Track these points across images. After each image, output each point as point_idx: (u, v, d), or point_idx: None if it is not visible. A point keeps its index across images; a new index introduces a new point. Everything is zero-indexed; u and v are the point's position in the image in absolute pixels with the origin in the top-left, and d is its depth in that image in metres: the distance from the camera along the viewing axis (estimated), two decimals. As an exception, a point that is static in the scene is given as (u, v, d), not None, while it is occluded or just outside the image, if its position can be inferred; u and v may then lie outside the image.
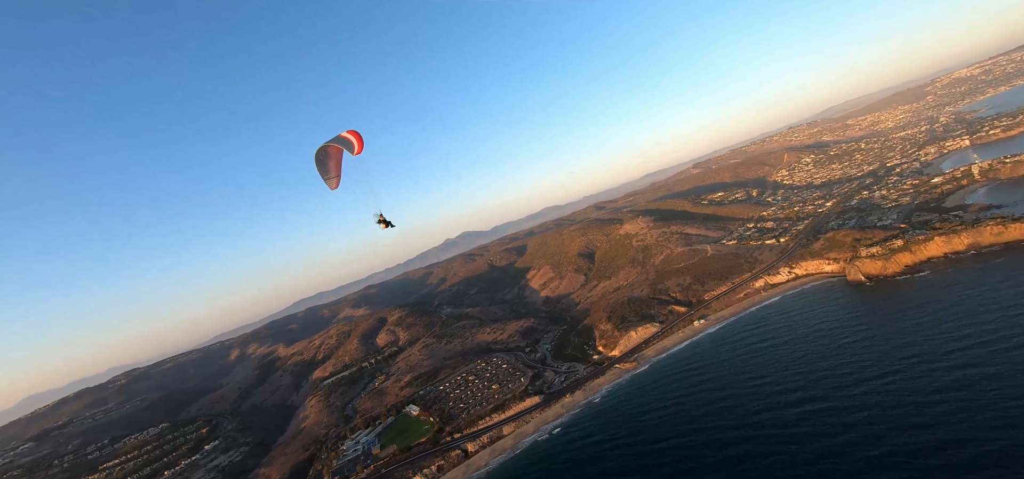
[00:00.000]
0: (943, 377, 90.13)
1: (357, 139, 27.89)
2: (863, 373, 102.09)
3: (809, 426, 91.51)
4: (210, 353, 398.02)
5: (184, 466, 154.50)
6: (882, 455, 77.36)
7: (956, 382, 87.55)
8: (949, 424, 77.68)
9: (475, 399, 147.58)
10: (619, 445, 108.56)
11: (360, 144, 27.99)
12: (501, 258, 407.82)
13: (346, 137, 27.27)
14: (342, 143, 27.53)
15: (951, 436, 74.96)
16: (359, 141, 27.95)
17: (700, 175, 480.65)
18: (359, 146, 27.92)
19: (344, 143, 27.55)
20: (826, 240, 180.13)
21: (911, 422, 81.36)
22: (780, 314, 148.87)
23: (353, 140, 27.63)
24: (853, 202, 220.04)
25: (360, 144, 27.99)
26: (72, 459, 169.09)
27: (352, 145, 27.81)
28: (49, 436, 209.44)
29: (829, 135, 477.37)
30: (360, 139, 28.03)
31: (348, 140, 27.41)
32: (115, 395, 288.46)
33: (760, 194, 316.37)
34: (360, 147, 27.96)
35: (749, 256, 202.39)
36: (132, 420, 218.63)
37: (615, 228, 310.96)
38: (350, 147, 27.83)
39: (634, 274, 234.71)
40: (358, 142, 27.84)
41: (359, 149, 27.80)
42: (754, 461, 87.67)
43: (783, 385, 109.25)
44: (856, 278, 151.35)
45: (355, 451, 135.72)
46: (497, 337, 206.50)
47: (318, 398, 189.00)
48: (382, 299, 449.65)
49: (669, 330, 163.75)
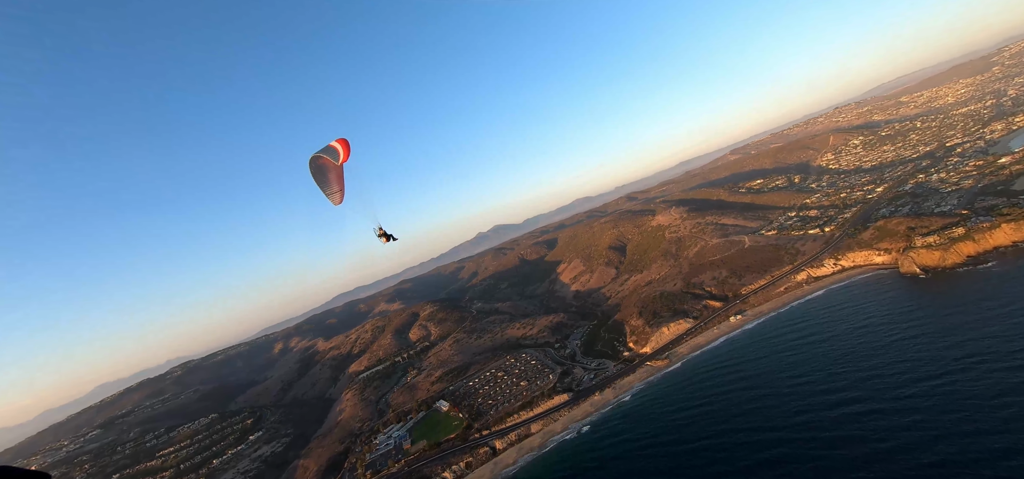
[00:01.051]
0: (1009, 379, 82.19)
1: (343, 146, 27.03)
2: (916, 373, 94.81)
3: (853, 429, 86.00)
4: (256, 346, 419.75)
5: (231, 455, 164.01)
6: (934, 462, 71.68)
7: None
8: (1014, 431, 70.73)
9: (504, 396, 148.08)
10: (649, 445, 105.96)
11: (346, 151, 27.09)
12: (531, 252, 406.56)
13: (331, 146, 26.71)
14: (327, 152, 27.01)
15: (1016, 444, 68.25)
16: (345, 148, 27.09)
17: (738, 161, 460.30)
18: (345, 154, 26.98)
19: (329, 152, 27.01)
20: (876, 229, 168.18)
21: (969, 428, 74.82)
22: (823, 309, 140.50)
23: (338, 148, 26.80)
24: (907, 187, 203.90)
25: (346, 151, 27.09)
26: (133, 446, 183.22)
27: (337, 153, 26.84)
28: (114, 424, 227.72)
29: (880, 114, 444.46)
30: (346, 146, 27.32)
31: (333, 148, 26.74)
32: (172, 386, 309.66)
33: (803, 180, 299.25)
34: (346, 155, 27.21)
35: (790, 247, 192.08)
36: (186, 410, 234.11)
37: (647, 220, 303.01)
38: (334, 155, 26.91)
39: (666, 267, 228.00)
40: (343, 149, 26.95)
41: (345, 157, 26.96)
42: (791, 465, 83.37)
43: (825, 385, 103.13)
44: (910, 270, 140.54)
45: (387, 445, 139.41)
46: (527, 332, 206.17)
47: (353, 392, 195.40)
48: (415, 294, 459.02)
49: (703, 326, 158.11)
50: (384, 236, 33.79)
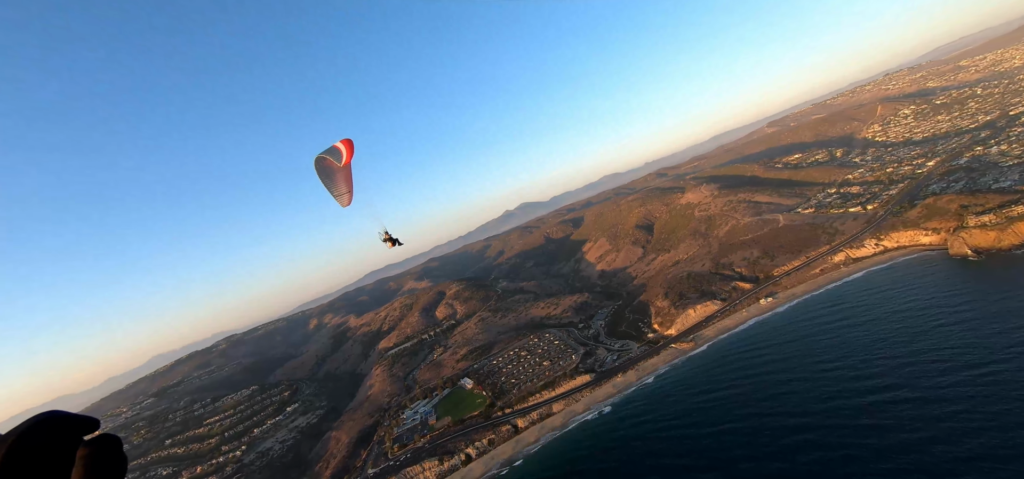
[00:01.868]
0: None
1: (346, 147, 26.52)
2: (958, 361, 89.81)
3: (885, 417, 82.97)
4: (293, 322, 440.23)
5: (269, 425, 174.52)
6: (972, 455, 68.27)
7: (1084, 378, 74.04)
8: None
9: (526, 375, 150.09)
10: (670, 427, 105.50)
11: (349, 152, 26.55)
12: (557, 230, 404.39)
13: (335, 147, 26.42)
14: (330, 154, 26.88)
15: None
16: (348, 148, 26.52)
17: (775, 135, 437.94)
18: (348, 154, 26.48)
19: (332, 153, 26.87)
20: (925, 207, 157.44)
21: (1013, 420, 70.26)
22: (861, 292, 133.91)
23: (341, 148, 26.39)
24: (962, 160, 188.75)
25: (349, 152, 26.55)
26: (183, 414, 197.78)
27: (340, 154, 26.43)
28: (166, 393, 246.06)
29: (935, 81, 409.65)
30: (349, 146, 26.65)
31: (336, 149, 26.39)
32: (217, 358, 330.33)
33: (846, 154, 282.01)
34: (349, 155, 26.59)
35: (828, 226, 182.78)
36: (230, 381, 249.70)
37: (676, 197, 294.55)
38: (337, 156, 26.56)
39: (695, 247, 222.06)
40: (347, 150, 26.41)
41: (348, 157, 26.49)
42: (816, 452, 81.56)
43: (858, 371, 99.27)
44: (960, 252, 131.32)
45: (414, 420, 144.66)
46: (551, 312, 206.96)
47: (383, 368, 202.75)
48: (443, 272, 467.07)
49: (731, 308, 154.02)
50: (389, 240, 33.89)
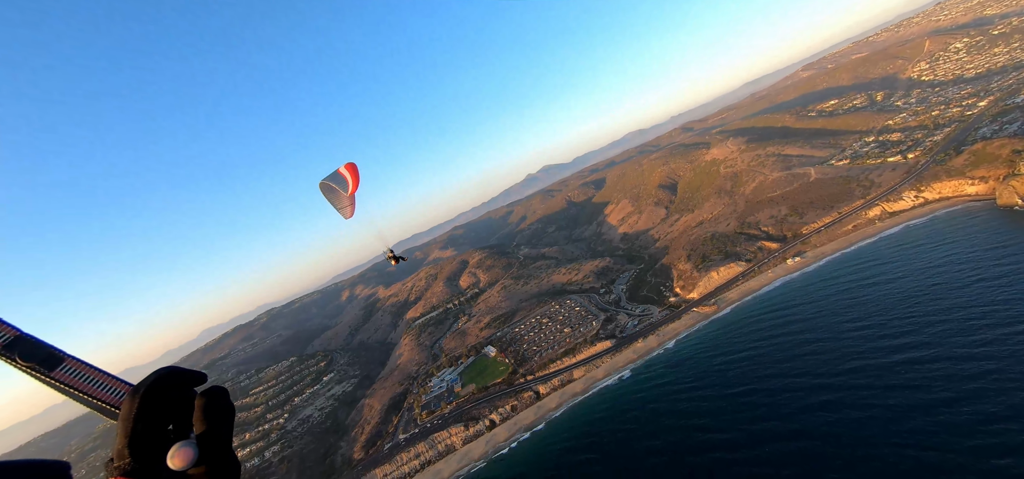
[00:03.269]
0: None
1: (352, 175, 25.42)
2: (995, 318, 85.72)
3: (912, 377, 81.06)
4: (327, 293, 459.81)
5: (308, 394, 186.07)
6: (999, 417, 66.51)
7: None
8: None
9: (548, 342, 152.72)
10: (689, 391, 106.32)
11: (355, 180, 25.43)
12: (579, 194, 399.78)
13: (341, 175, 25.57)
14: (337, 181, 26.20)
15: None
16: (354, 177, 25.43)
17: (810, 79, 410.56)
18: (354, 183, 25.40)
19: (337, 180, 25.63)
20: (972, 153, 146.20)
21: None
22: (896, 248, 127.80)
23: (347, 178, 25.34)
24: (1019, 99, 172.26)
25: (355, 180, 25.43)
26: (230, 385, 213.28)
27: (346, 183, 25.37)
28: (215, 365, 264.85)
29: (995, 6, 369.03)
30: (354, 173, 25.53)
31: (342, 178, 25.46)
32: (259, 331, 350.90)
33: (887, 97, 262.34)
34: (355, 184, 25.45)
35: (864, 179, 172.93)
36: (271, 353, 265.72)
37: (701, 154, 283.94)
38: (344, 185, 25.40)
39: (720, 206, 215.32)
40: (353, 178, 25.35)
41: (354, 188, 25.47)
42: (836, 412, 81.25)
43: (886, 330, 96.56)
44: (1010, 201, 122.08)
45: (440, 387, 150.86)
46: (572, 278, 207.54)
47: (410, 337, 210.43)
48: (467, 240, 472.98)
49: (757, 270, 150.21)
50: (393, 259, 36.08)
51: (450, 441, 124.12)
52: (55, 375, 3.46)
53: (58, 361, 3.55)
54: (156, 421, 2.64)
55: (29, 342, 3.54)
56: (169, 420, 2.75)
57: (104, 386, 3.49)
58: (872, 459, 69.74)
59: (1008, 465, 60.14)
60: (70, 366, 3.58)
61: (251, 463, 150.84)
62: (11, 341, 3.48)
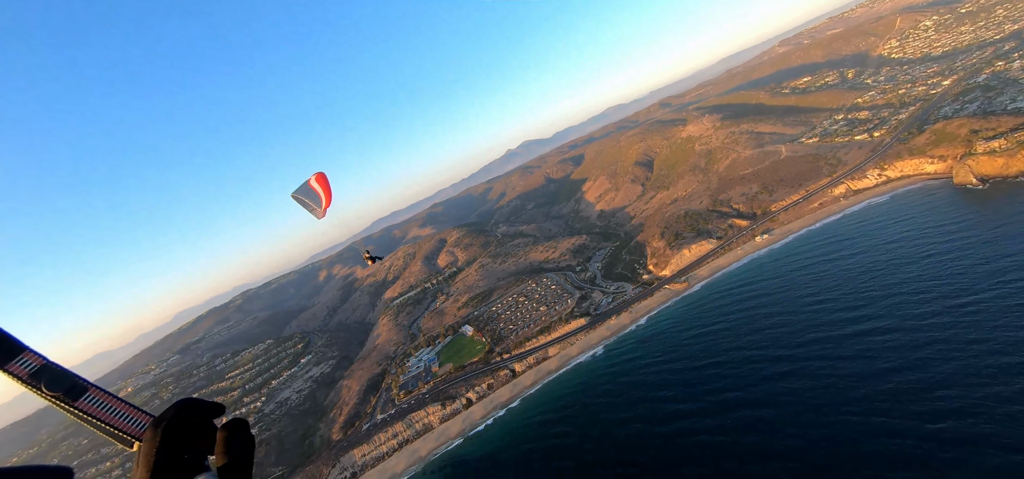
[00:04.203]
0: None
1: (324, 190, 24.60)
2: (940, 291, 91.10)
3: (863, 349, 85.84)
4: (304, 274, 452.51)
5: (286, 377, 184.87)
6: (939, 382, 71.36)
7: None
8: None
9: (524, 320, 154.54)
10: (658, 365, 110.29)
11: (327, 195, 24.68)
12: (557, 170, 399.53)
13: (313, 189, 24.60)
14: (308, 196, 24.71)
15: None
16: (326, 190, 24.65)
17: (785, 55, 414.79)
18: (327, 199, 24.65)
19: (309, 195, 24.69)
20: (933, 132, 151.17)
21: (988, 363, 71.59)
22: (857, 225, 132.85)
23: (320, 193, 24.51)
24: (980, 78, 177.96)
25: (327, 195, 24.68)
26: (206, 369, 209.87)
27: (319, 199, 24.65)
28: (190, 349, 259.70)
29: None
30: (326, 186, 24.69)
31: (314, 193, 24.60)
32: (235, 313, 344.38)
33: (858, 75, 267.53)
34: (328, 199, 24.71)
35: (831, 156, 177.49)
36: (247, 336, 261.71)
37: (677, 130, 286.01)
38: (317, 200, 24.67)
39: (694, 183, 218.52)
40: (325, 193, 24.59)
41: (327, 203, 24.71)
42: (794, 381, 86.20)
43: (842, 304, 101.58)
44: (965, 180, 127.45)
45: (418, 367, 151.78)
46: (549, 256, 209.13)
47: (388, 317, 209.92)
48: (446, 217, 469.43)
49: (727, 247, 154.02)
50: (370, 259, 36.61)
51: (427, 420, 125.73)
52: (79, 405, 3.50)
53: (82, 391, 3.57)
54: (177, 453, 2.79)
55: (55, 371, 3.55)
56: (189, 452, 2.88)
57: (125, 416, 3.57)
58: (824, 424, 74.19)
59: (945, 428, 64.64)
60: (93, 396, 3.60)
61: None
62: (37, 370, 3.50)
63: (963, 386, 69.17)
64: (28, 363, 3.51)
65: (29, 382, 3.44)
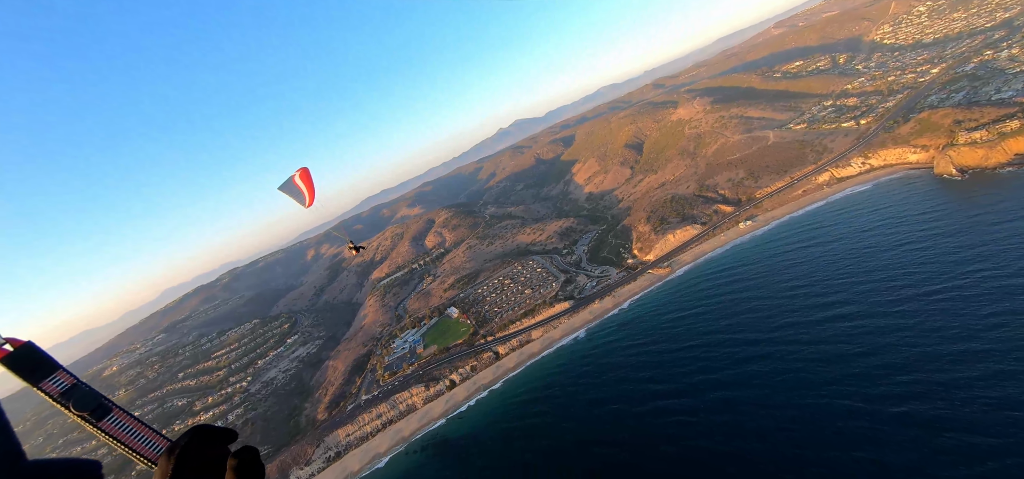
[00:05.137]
0: (1018, 299, 78.24)
1: (307, 187, 25.04)
2: (911, 279, 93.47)
3: (833, 334, 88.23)
4: (292, 252, 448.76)
5: (272, 356, 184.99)
6: (902, 367, 73.91)
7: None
8: (996, 353, 69.23)
9: (509, 303, 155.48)
10: (638, 348, 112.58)
11: (311, 193, 25.20)
12: (548, 151, 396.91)
13: (297, 187, 24.99)
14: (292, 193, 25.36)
15: (996, 369, 67.12)
16: (309, 186, 25.09)
17: (780, 37, 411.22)
18: (310, 195, 25.20)
19: (295, 194, 25.36)
20: (918, 121, 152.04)
21: (949, 350, 73.80)
22: (837, 213, 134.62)
23: (303, 190, 25.01)
24: (968, 67, 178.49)
25: (311, 193, 25.20)
26: (191, 348, 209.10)
27: (303, 196, 25.28)
28: (176, 327, 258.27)
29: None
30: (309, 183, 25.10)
31: (299, 190, 25.11)
32: (222, 291, 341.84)
33: (849, 60, 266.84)
34: (311, 196, 25.26)
35: (817, 143, 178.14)
36: (234, 315, 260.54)
37: (667, 113, 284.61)
38: (301, 198, 25.36)
39: (682, 167, 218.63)
40: (308, 189, 25.06)
41: (310, 200, 25.30)
42: (766, 365, 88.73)
43: (817, 290, 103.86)
44: (945, 171, 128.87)
45: (403, 349, 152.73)
46: (536, 238, 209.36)
47: (375, 298, 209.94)
48: (435, 197, 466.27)
49: (711, 233, 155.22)
50: (354, 249, 37.62)
51: (411, 401, 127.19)
52: (103, 425, 3.70)
53: (107, 411, 3.76)
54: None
55: (84, 391, 3.75)
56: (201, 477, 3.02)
57: (144, 439, 3.76)
58: (793, 405, 76.76)
59: (905, 411, 67.07)
60: (117, 417, 3.79)
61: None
62: (68, 389, 3.69)
63: (924, 371, 71.52)
64: (60, 382, 3.71)
65: (59, 400, 3.65)
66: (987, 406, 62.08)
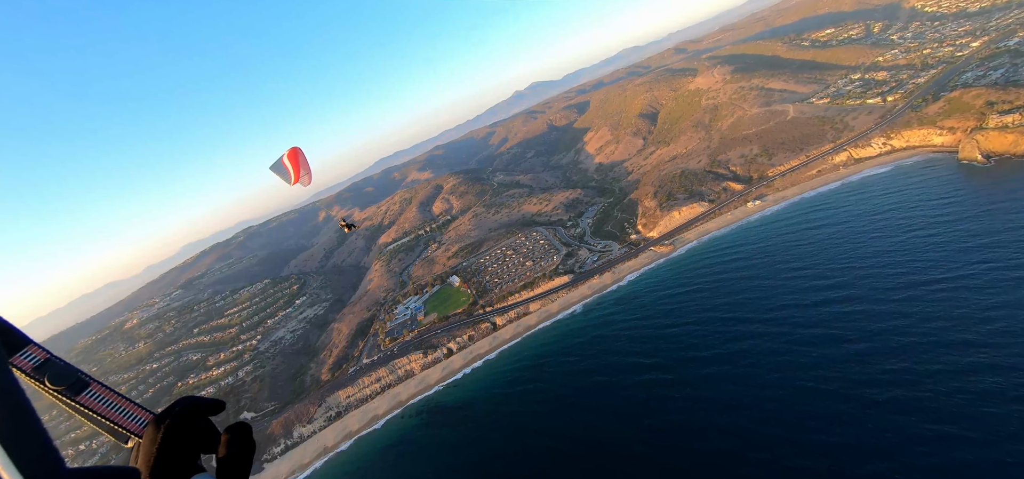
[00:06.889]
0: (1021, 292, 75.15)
1: (293, 167, 24.61)
2: (912, 268, 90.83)
3: (828, 319, 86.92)
4: (305, 213, 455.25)
5: (281, 317, 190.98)
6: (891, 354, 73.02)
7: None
8: (996, 346, 67.23)
9: (509, 275, 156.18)
10: (632, 324, 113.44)
11: (296, 173, 24.70)
12: (561, 117, 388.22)
13: (285, 167, 24.67)
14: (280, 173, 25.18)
15: (993, 362, 65.26)
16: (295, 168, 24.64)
17: (813, 1, 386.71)
18: (296, 174, 24.73)
19: (282, 173, 25.11)
20: (948, 101, 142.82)
21: (941, 340, 71.99)
22: (849, 195, 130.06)
23: (289, 169, 24.58)
24: (1012, 41, 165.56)
25: (296, 173, 24.70)
26: (206, 305, 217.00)
27: (289, 176, 24.84)
28: (192, 285, 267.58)
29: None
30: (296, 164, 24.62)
31: (285, 170, 24.74)
32: (236, 250, 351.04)
33: (884, 29, 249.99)
34: (296, 176, 24.78)
35: (838, 120, 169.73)
36: (247, 273, 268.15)
37: (685, 81, 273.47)
38: (287, 178, 25.00)
39: (695, 140, 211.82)
40: (293, 171, 24.63)
41: (295, 179, 24.84)
42: (757, 344, 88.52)
43: (817, 273, 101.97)
44: (970, 156, 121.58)
45: (405, 315, 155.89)
46: (542, 208, 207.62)
47: (381, 263, 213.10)
48: (446, 161, 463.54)
49: (718, 211, 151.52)
50: (346, 226, 38.69)
51: (409, 367, 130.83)
52: (80, 400, 3.45)
53: (84, 386, 3.52)
54: (177, 451, 2.82)
55: (59, 366, 3.48)
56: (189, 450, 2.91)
57: (126, 413, 3.56)
58: (779, 386, 77.23)
59: (889, 396, 66.78)
60: (95, 391, 3.56)
61: (225, 382, 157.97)
62: (41, 363, 3.42)
63: (912, 360, 70.59)
64: (33, 357, 3.44)
65: (33, 376, 3.37)
66: (971, 398, 61.33)
